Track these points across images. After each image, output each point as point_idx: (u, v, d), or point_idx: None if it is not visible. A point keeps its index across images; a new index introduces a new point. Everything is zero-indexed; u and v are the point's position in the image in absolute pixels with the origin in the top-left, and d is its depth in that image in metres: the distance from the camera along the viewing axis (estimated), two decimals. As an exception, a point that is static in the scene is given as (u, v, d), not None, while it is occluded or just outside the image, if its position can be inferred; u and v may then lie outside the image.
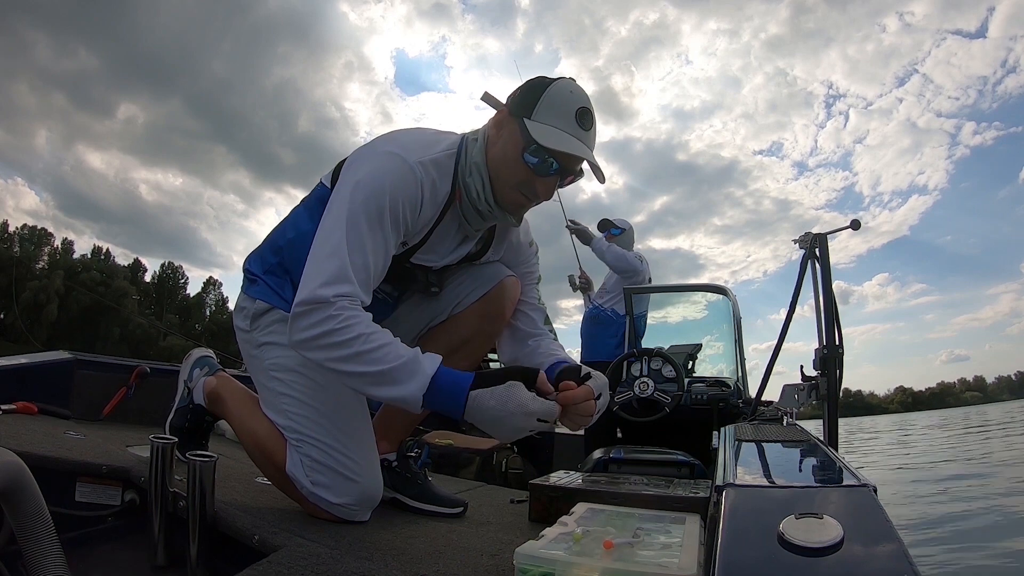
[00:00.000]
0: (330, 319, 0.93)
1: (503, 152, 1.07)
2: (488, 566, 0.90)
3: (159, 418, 1.45)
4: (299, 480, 1.06)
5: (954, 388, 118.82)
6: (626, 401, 2.43)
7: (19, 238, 45.14)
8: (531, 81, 1.10)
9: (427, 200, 1.07)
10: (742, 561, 0.56)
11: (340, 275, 0.96)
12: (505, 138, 1.08)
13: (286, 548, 0.84)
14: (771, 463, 1.05)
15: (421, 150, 1.06)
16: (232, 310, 1.26)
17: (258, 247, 1.24)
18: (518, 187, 1.09)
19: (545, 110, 1.05)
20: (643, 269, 3.25)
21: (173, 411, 1.41)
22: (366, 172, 1.02)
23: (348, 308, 0.95)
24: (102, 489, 1.12)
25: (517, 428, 0.91)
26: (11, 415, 1.54)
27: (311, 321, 0.94)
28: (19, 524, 0.73)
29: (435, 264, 1.19)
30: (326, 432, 1.07)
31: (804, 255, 1.91)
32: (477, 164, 1.09)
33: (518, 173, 1.07)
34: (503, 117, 1.09)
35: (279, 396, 1.10)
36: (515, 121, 1.06)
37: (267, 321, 1.14)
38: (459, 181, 1.10)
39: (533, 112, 1.05)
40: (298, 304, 0.96)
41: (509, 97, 1.11)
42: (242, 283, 1.22)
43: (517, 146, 1.05)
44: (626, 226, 3.40)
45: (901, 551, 0.52)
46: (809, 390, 1.78)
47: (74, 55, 79.35)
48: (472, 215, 1.13)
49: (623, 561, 0.72)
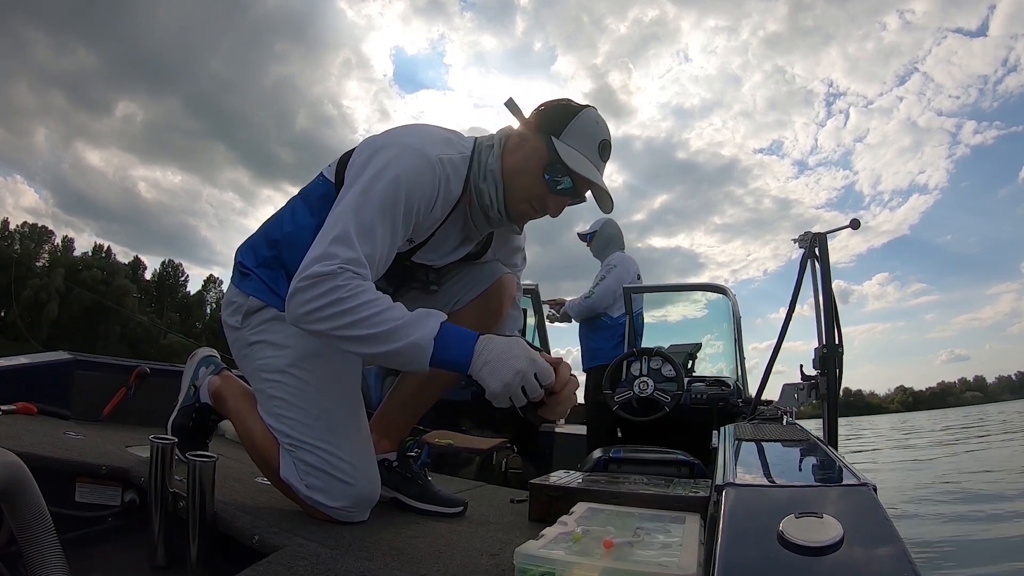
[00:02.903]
0: (337, 288, 0.92)
1: (524, 164, 1.10)
2: (488, 566, 0.90)
3: (159, 418, 1.45)
4: (294, 485, 1.06)
5: (955, 388, 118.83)
6: (626, 401, 2.43)
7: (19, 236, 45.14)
8: (559, 102, 1.14)
9: (441, 198, 1.07)
10: (742, 561, 0.56)
11: (347, 250, 0.95)
12: (527, 152, 1.10)
13: (286, 548, 0.84)
14: (771, 462, 1.05)
15: (441, 147, 1.08)
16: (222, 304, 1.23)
17: (251, 237, 1.21)
18: (530, 200, 1.12)
19: (573, 134, 1.09)
20: (602, 300, 3.11)
21: (176, 410, 1.40)
22: (386, 161, 1.02)
23: (354, 278, 0.94)
24: (102, 489, 1.12)
25: (518, 370, 0.90)
26: (11, 416, 1.54)
27: (317, 292, 0.92)
28: (19, 525, 0.73)
29: (435, 263, 1.20)
30: (319, 435, 1.06)
31: (804, 254, 1.91)
32: (493, 172, 1.10)
33: (534, 187, 1.10)
34: (528, 131, 1.11)
35: (270, 399, 1.09)
36: (541, 138, 1.09)
37: (259, 319, 1.12)
38: (471, 185, 1.11)
39: (562, 134, 1.08)
40: (302, 278, 0.94)
41: (534, 112, 1.13)
42: (232, 275, 1.19)
43: (540, 161, 1.09)
44: (597, 226, 3.30)
45: (901, 550, 0.52)
46: (809, 389, 1.78)
47: (72, 54, 79.41)
48: (480, 219, 1.14)
49: (623, 561, 0.72)
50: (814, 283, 1.90)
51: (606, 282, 3.11)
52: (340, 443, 1.07)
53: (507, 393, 0.90)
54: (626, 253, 3.32)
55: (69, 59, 79.39)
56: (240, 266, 1.17)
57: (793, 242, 1.98)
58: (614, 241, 3.32)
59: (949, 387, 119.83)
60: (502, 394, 0.90)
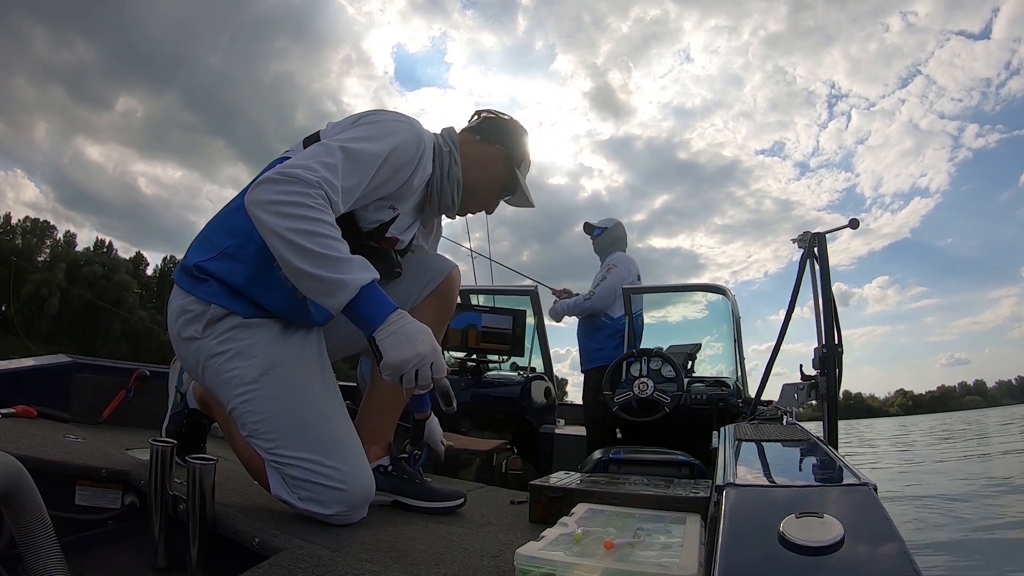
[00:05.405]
0: (307, 195, 0.95)
1: (487, 184, 1.30)
2: (489, 567, 0.90)
3: (159, 421, 1.45)
4: (287, 500, 1.04)
5: (955, 392, 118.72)
6: (626, 401, 2.43)
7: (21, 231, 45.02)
8: (517, 128, 1.34)
9: (421, 167, 1.17)
10: (743, 561, 0.56)
11: (329, 174, 0.99)
12: (493, 175, 1.30)
13: (286, 550, 0.84)
14: (771, 463, 1.05)
15: (423, 127, 1.20)
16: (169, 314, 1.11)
17: (202, 232, 1.13)
18: (483, 207, 1.34)
19: (526, 164, 1.34)
20: (603, 301, 3.12)
21: (167, 418, 1.40)
22: (378, 119, 1.12)
23: (324, 198, 0.97)
24: (102, 492, 1.12)
25: (419, 353, 0.94)
26: (10, 419, 1.53)
27: (289, 188, 0.95)
28: (19, 528, 0.72)
29: (402, 239, 1.26)
30: (302, 446, 1.04)
31: (803, 254, 1.91)
32: (457, 179, 1.25)
33: (489, 201, 1.33)
34: (499, 156, 1.29)
35: (245, 414, 1.06)
36: (507, 163, 1.30)
37: (223, 328, 1.07)
38: (434, 182, 1.23)
39: (521, 165, 1.32)
40: (280, 171, 0.96)
41: (502, 137, 1.31)
42: (180, 280, 1.10)
43: (501, 185, 1.31)
44: (609, 225, 3.33)
45: (902, 550, 0.52)
46: (809, 389, 1.78)
47: (72, 48, 79.40)
48: (433, 213, 1.29)
49: (623, 561, 0.72)
50: (813, 283, 1.90)
51: (607, 282, 3.11)
52: (325, 449, 1.04)
53: (400, 370, 0.94)
54: (626, 253, 3.33)
55: (68, 53, 79.59)
56: (194, 269, 1.08)
57: (792, 242, 1.97)
58: (619, 242, 3.34)
59: (949, 391, 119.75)
60: (395, 368, 0.94)
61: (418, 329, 0.96)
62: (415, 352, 0.94)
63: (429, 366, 0.95)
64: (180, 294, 1.10)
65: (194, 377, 1.20)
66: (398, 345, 0.94)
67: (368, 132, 1.08)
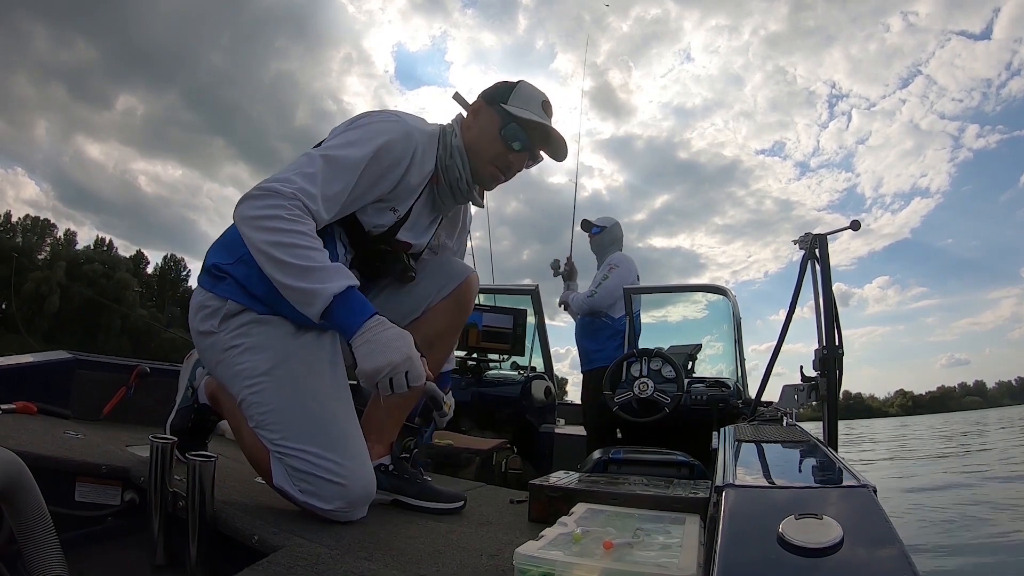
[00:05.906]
0: (283, 208, 1.00)
1: (481, 132, 1.24)
2: (488, 566, 0.90)
3: (159, 418, 1.45)
4: (288, 491, 1.05)
5: (955, 392, 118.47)
6: (626, 401, 2.43)
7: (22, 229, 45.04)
8: (497, 83, 1.30)
9: (416, 167, 1.17)
10: (742, 562, 0.56)
11: (307, 183, 1.03)
12: (483, 122, 1.25)
13: (286, 548, 0.84)
14: (771, 463, 1.05)
15: (417, 122, 1.21)
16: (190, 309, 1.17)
17: (223, 236, 1.18)
18: (493, 160, 1.25)
19: (517, 99, 1.25)
20: (604, 300, 3.12)
21: (174, 412, 1.40)
22: (366, 122, 1.14)
23: (301, 208, 1.01)
24: (102, 489, 1.12)
25: (391, 362, 0.96)
26: (11, 415, 1.54)
27: (265, 203, 1.00)
28: (19, 524, 0.73)
29: (417, 243, 1.27)
30: (307, 439, 1.05)
31: (804, 255, 1.90)
32: (457, 148, 1.23)
33: (494, 147, 1.24)
34: (480, 106, 1.26)
35: (253, 405, 1.08)
36: (491, 108, 1.25)
37: (238, 323, 1.10)
38: (439, 165, 1.23)
39: (508, 100, 1.24)
40: (259, 187, 1.02)
41: (481, 94, 1.29)
42: (200, 278, 1.15)
43: (495, 126, 1.23)
44: (607, 224, 3.33)
45: (901, 552, 0.52)
46: (809, 390, 1.78)
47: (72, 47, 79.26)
48: (447, 196, 1.26)
49: (623, 562, 0.72)
50: (814, 284, 1.90)
51: (609, 282, 3.11)
52: (329, 444, 1.06)
53: (374, 377, 0.96)
54: (624, 253, 3.32)
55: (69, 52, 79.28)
56: (213, 268, 1.13)
57: (793, 243, 1.97)
58: (617, 241, 3.34)
59: (949, 391, 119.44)
60: (368, 376, 0.96)
61: (394, 336, 0.98)
62: (387, 360, 0.96)
63: (404, 374, 0.97)
64: (200, 292, 1.15)
65: (209, 370, 1.23)
66: (371, 353, 0.96)
67: (353, 137, 1.12)
